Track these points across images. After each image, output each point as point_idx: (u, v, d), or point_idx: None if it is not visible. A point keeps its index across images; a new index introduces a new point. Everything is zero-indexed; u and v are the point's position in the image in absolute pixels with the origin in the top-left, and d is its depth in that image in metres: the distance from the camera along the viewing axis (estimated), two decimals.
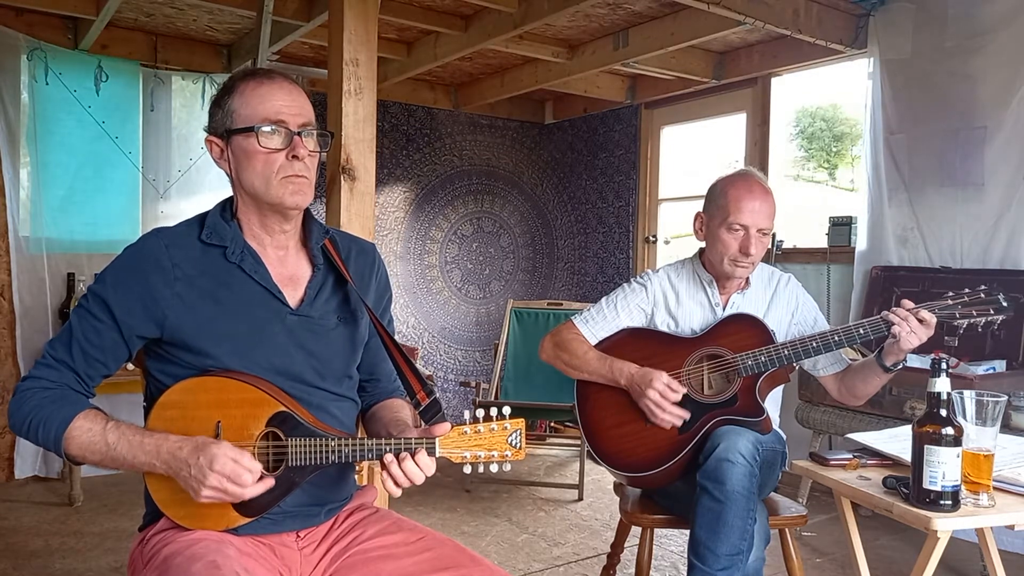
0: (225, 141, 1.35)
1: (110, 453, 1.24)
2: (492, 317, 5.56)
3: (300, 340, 1.36)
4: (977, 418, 1.59)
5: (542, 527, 3.33)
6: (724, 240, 1.97)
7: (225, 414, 1.27)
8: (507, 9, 3.51)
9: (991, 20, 3.23)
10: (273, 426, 1.28)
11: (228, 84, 1.37)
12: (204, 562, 1.18)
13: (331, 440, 1.28)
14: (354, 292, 1.44)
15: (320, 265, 1.42)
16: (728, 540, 1.72)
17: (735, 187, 1.97)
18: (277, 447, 1.28)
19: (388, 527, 1.39)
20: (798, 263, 4.02)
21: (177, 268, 1.31)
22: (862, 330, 1.86)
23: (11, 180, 3.75)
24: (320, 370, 1.38)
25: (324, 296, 1.41)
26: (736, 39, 4.03)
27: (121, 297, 1.29)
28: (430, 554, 1.33)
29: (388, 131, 5.06)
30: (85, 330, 1.30)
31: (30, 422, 1.26)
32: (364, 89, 2.64)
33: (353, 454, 1.27)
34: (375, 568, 1.32)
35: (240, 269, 1.34)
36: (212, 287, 1.32)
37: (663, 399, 1.88)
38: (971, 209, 3.30)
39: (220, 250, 1.34)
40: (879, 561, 2.87)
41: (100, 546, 3.01)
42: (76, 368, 1.30)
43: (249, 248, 1.36)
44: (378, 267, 1.53)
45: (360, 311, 1.45)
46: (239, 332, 1.32)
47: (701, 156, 5.25)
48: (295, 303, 1.38)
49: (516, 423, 1.30)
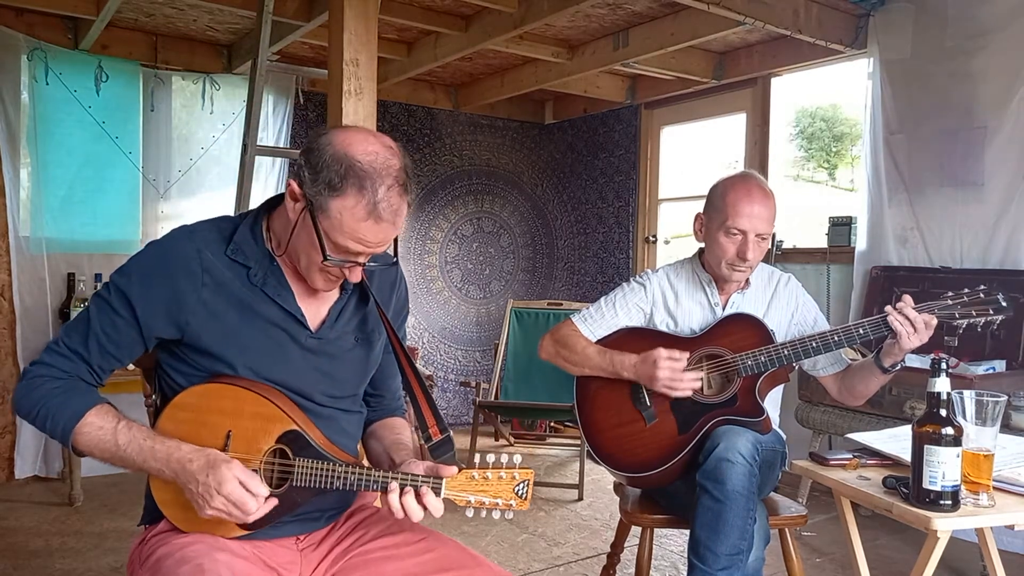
0: (304, 206, 1.24)
1: (119, 453, 1.24)
2: (492, 317, 5.56)
3: (316, 362, 1.35)
4: (977, 418, 1.59)
5: (542, 527, 3.33)
6: (722, 244, 1.96)
7: (237, 424, 1.26)
8: (507, 9, 3.51)
9: (991, 20, 3.23)
10: (283, 443, 1.28)
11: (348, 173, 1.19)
12: (191, 565, 1.18)
13: (338, 466, 1.27)
14: (373, 313, 1.42)
15: (348, 289, 1.39)
16: (728, 540, 1.72)
17: (734, 191, 1.96)
18: (283, 465, 1.27)
19: (390, 528, 1.38)
20: (798, 263, 4.02)
21: (206, 274, 1.28)
22: (862, 330, 1.86)
23: (11, 180, 3.75)
24: (333, 390, 1.38)
25: (345, 317, 1.39)
26: (736, 39, 4.03)
27: (145, 295, 1.26)
28: (433, 555, 1.32)
29: (388, 131, 5.05)
30: (104, 323, 1.27)
31: (39, 411, 1.25)
32: (364, 89, 2.64)
33: (358, 483, 1.26)
34: (377, 569, 1.32)
35: (262, 291, 1.32)
36: (236, 299, 1.30)
37: (675, 372, 1.88)
38: (971, 209, 3.30)
39: (244, 269, 1.31)
40: (879, 561, 2.87)
41: (100, 546, 3.01)
42: (90, 361, 1.28)
43: (275, 267, 1.32)
44: (399, 282, 1.51)
45: (378, 332, 1.44)
46: (257, 347, 1.31)
47: (701, 156, 5.24)
48: (315, 324, 1.36)
49: (525, 473, 1.27)
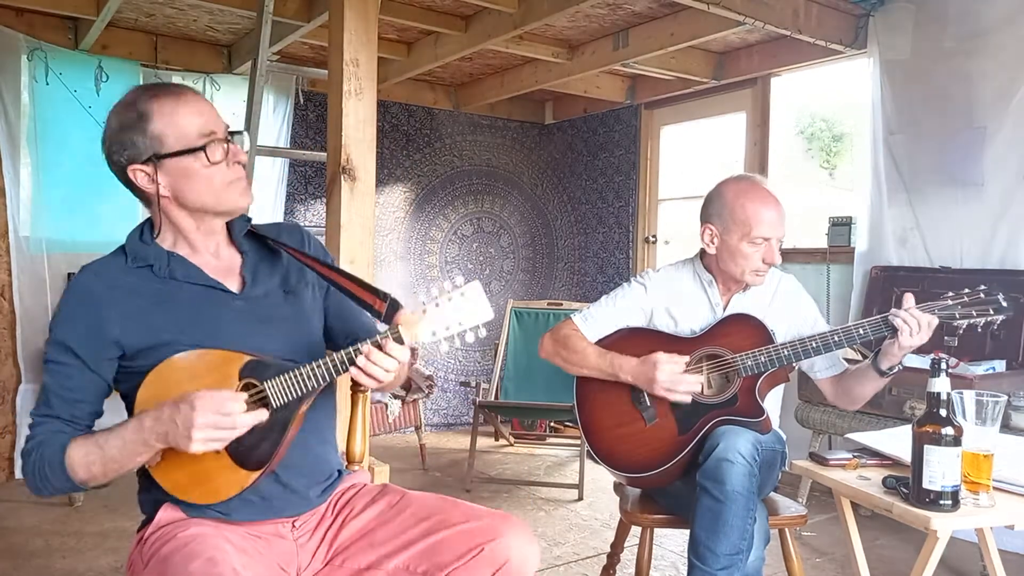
0: (154, 166, 1.33)
1: (105, 454, 1.26)
2: (492, 317, 5.55)
3: (255, 321, 1.39)
4: (977, 418, 1.59)
5: (542, 527, 3.33)
6: (746, 254, 1.96)
7: (199, 383, 1.27)
8: (507, 9, 3.51)
9: (991, 20, 3.23)
10: (247, 376, 1.30)
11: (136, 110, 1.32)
12: (202, 559, 1.19)
13: (303, 367, 1.29)
14: (294, 265, 1.48)
15: (247, 251, 1.45)
16: (728, 540, 1.73)
17: (751, 200, 1.96)
18: (256, 393, 1.29)
19: (374, 498, 1.45)
20: (798, 263, 4.02)
21: (115, 289, 1.34)
22: (862, 330, 1.86)
23: (11, 180, 3.75)
24: (280, 345, 1.40)
25: (263, 276, 1.44)
26: (736, 39, 4.03)
27: (75, 333, 1.31)
28: (412, 509, 1.40)
29: (388, 131, 5.06)
30: (57, 378, 1.32)
31: (37, 472, 1.28)
32: (364, 89, 2.64)
33: (329, 371, 1.29)
34: (369, 539, 1.38)
35: (173, 279, 1.36)
36: (153, 297, 1.35)
37: (675, 375, 1.89)
38: (971, 209, 3.30)
39: (148, 269, 1.37)
40: (879, 561, 2.87)
41: (100, 546, 3.01)
42: (59, 415, 1.31)
43: (176, 257, 1.38)
44: (308, 237, 1.55)
45: (304, 283, 1.49)
46: (193, 325, 1.34)
47: (701, 156, 5.24)
48: (237, 289, 1.41)
49: (471, 286, 1.29)
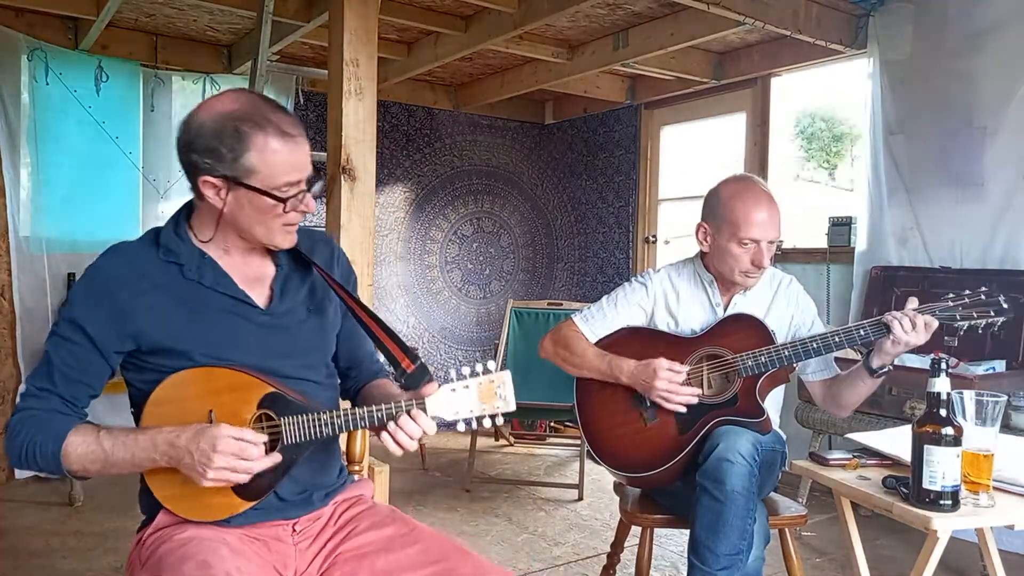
0: (228, 187, 1.28)
1: (109, 459, 1.24)
2: (492, 317, 5.56)
3: (274, 338, 1.37)
4: (977, 418, 1.59)
5: (542, 527, 3.33)
6: (735, 254, 1.96)
7: (216, 402, 1.27)
8: (507, 9, 3.50)
9: (991, 20, 3.23)
10: (264, 408, 1.29)
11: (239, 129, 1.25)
12: (195, 561, 1.19)
13: (323, 414, 1.29)
14: (320, 282, 1.45)
15: (282, 264, 1.42)
16: (728, 540, 1.73)
17: (743, 200, 1.95)
18: (271, 427, 1.29)
19: (382, 520, 1.41)
20: (798, 263, 4.02)
21: (144, 279, 1.31)
22: (863, 331, 1.86)
23: (11, 180, 3.75)
24: (298, 362, 1.39)
25: (291, 291, 1.42)
26: (736, 39, 4.03)
27: (93, 316, 1.28)
28: (419, 547, 1.35)
29: (388, 131, 5.06)
30: (62, 355, 1.29)
31: (25, 450, 1.26)
32: (364, 89, 2.65)
33: (346, 424, 1.29)
34: (369, 562, 1.34)
35: (200, 284, 1.33)
36: (180, 298, 1.32)
37: (672, 384, 1.89)
38: (971, 209, 3.30)
39: (178, 267, 1.33)
40: (879, 561, 2.87)
41: (101, 546, 3.01)
42: (60, 393, 1.29)
43: (207, 260, 1.34)
44: (338, 255, 1.54)
45: (328, 299, 1.47)
46: (212, 336, 1.32)
47: (701, 156, 5.24)
48: (263, 302, 1.38)
49: (501, 376, 1.30)
